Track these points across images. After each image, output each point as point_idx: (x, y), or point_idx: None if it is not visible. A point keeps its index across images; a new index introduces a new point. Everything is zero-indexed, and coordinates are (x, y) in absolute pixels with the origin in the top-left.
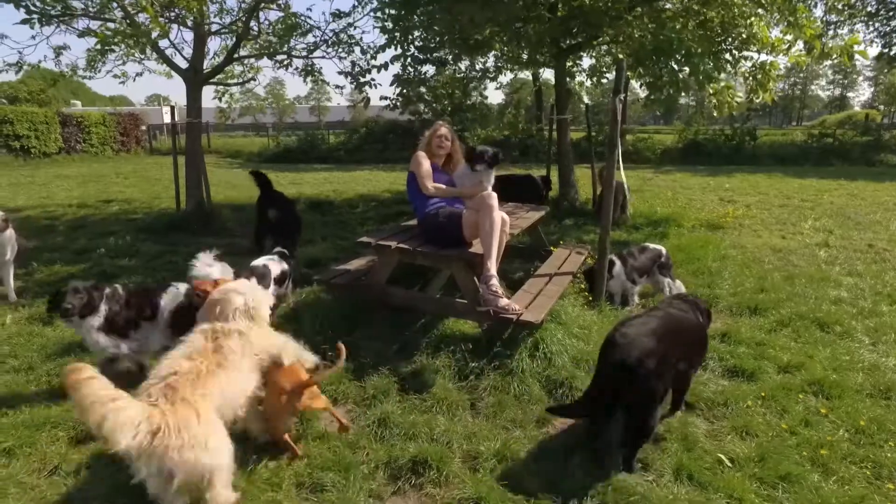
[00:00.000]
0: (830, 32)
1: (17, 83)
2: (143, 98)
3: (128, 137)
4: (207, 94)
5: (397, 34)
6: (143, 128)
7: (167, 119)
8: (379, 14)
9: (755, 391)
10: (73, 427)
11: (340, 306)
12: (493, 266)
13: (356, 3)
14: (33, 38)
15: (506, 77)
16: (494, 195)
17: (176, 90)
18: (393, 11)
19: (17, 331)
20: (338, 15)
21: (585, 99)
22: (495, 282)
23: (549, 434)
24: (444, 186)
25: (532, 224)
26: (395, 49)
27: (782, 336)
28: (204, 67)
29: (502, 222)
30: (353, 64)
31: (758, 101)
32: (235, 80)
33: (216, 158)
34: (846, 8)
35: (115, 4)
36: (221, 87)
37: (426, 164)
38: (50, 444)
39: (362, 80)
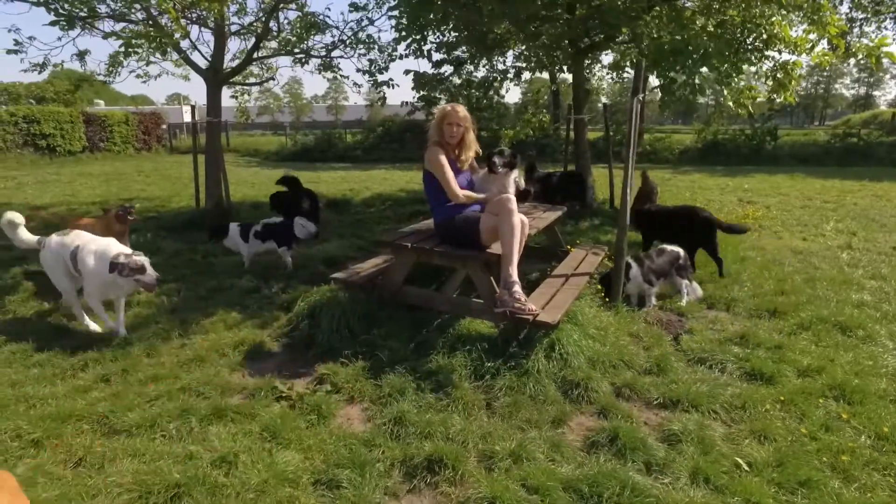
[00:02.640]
0: (856, 31)
1: (44, 83)
2: (163, 97)
3: (149, 136)
4: (227, 93)
5: (414, 31)
6: (164, 127)
7: (187, 118)
8: (395, 12)
9: (774, 395)
10: (98, 420)
11: (357, 305)
12: (514, 271)
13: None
14: (59, 39)
15: (524, 76)
16: (513, 199)
17: (196, 89)
18: (408, 10)
19: (43, 325)
20: (355, 7)
21: (603, 98)
22: (518, 289)
23: (565, 435)
24: (470, 194)
25: (549, 224)
26: (410, 45)
27: (802, 339)
28: (224, 67)
29: (521, 225)
30: (371, 62)
31: (779, 101)
32: (254, 80)
33: (235, 157)
34: (872, 4)
35: (138, 6)
36: (240, 86)
37: (447, 165)
38: (76, 437)
39: (380, 78)
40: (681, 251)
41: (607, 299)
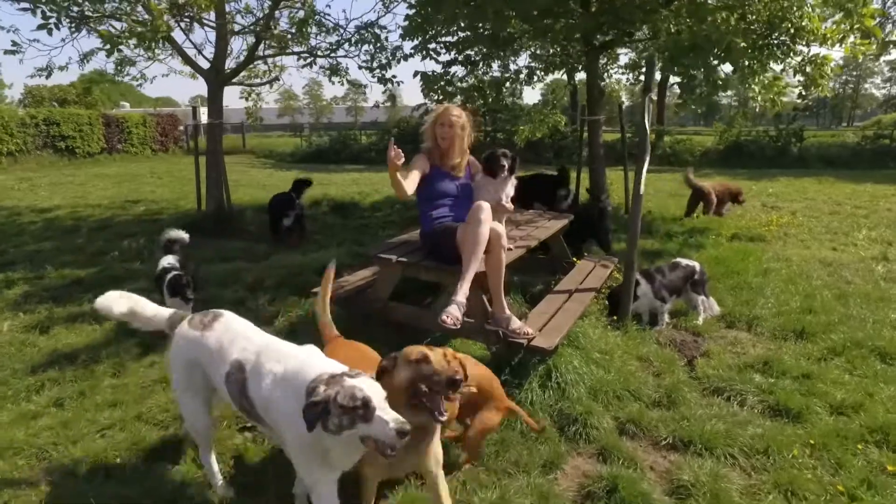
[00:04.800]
0: (890, 26)
1: (66, 86)
2: (187, 99)
3: (166, 138)
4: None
5: (422, 30)
6: (181, 128)
7: (204, 119)
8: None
9: (802, 437)
10: (37, 456)
11: (341, 321)
12: (464, 288)
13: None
14: (63, 40)
15: (538, 76)
16: (486, 207)
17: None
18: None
19: (10, 339)
20: (369, 25)
21: (624, 98)
22: (454, 309)
23: (557, 482)
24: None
25: (553, 234)
26: (418, 46)
27: (834, 367)
28: (227, 67)
29: (496, 236)
30: (372, 58)
31: (813, 95)
32: (259, 80)
33: (250, 158)
34: None
35: (126, 6)
36: (246, 87)
37: (416, 170)
38: (7, 474)
39: (384, 74)
40: (696, 265)
41: (615, 318)
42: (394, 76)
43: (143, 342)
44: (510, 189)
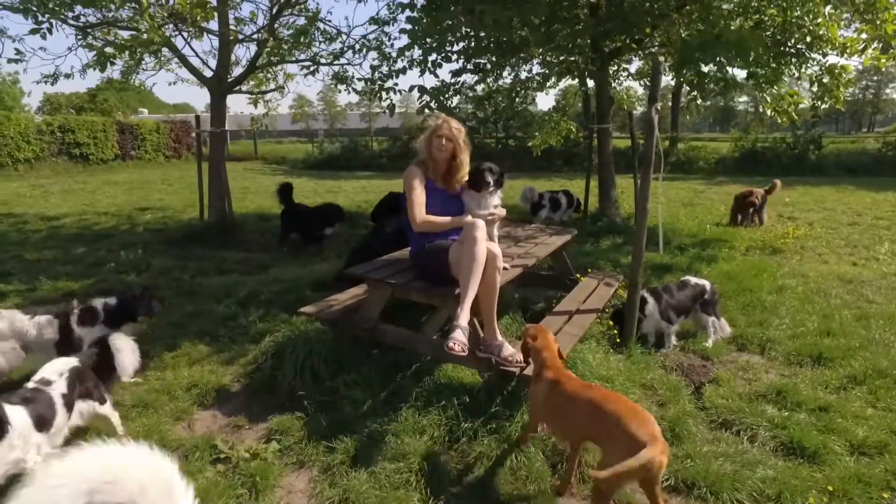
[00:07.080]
0: None
1: (83, 93)
2: (203, 105)
3: (179, 144)
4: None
5: (423, 38)
6: (194, 135)
7: (226, 126)
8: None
9: (819, 481)
10: None
11: (326, 345)
12: (465, 313)
13: (389, 4)
14: (69, 49)
15: (550, 83)
16: (481, 225)
17: (230, 97)
18: (417, 15)
19: None
20: (376, 21)
21: (637, 107)
22: (459, 335)
23: None
24: (435, 219)
25: (556, 250)
26: (423, 57)
27: (855, 398)
28: (232, 76)
29: (492, 257)
30: (374, 69)
31: (825, 106)
32: (262, 89)
33: (261, 165)
34: None
35: (121, 11)
36: (249, 95)
37: (419, 188)
38: None
39: (384, 85)
40: (707, 284)
41: (618, 340)
42: (395, 84)
43: None
44: (496, 200)
